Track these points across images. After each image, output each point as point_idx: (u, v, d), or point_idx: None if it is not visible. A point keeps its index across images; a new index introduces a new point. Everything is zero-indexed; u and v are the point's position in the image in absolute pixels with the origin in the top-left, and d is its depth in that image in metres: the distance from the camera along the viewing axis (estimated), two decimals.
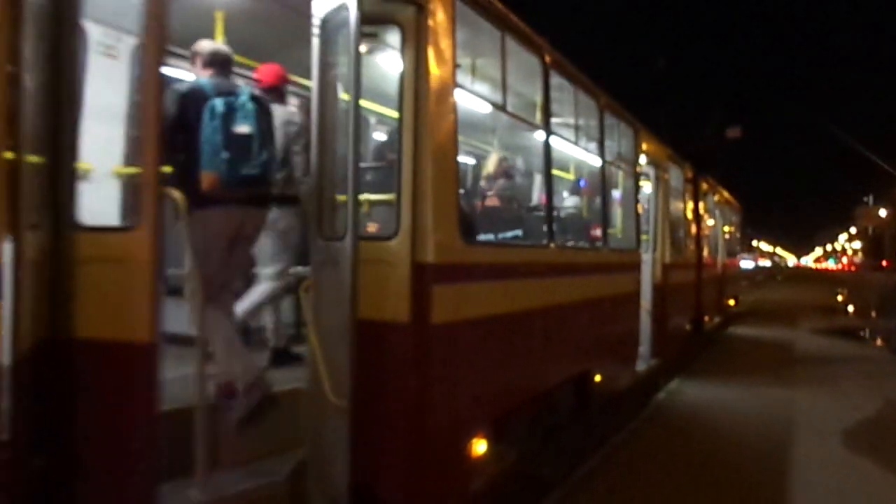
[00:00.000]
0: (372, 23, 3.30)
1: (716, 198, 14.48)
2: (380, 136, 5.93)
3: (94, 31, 4.30)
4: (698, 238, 11.74)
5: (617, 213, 7.83)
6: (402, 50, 3.40)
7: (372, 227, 3.92)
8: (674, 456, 5.82)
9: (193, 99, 3.24)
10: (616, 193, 7.67)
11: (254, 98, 3.36)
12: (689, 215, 11.16)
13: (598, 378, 6.08)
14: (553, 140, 5.11)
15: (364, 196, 3.71)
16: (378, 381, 3.27)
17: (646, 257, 8.09)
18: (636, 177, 7.61)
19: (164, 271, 2.74)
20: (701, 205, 12.05)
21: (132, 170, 3.77)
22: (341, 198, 3.28)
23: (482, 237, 4.55)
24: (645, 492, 4.91)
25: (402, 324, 3.34)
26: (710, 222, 13.67)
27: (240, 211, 3.37)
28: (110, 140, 4.27)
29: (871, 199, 76.05)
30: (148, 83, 2.72)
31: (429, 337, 3.39)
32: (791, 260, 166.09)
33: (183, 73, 4.00)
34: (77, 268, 2.63)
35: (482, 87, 4.46)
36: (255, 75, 4.39)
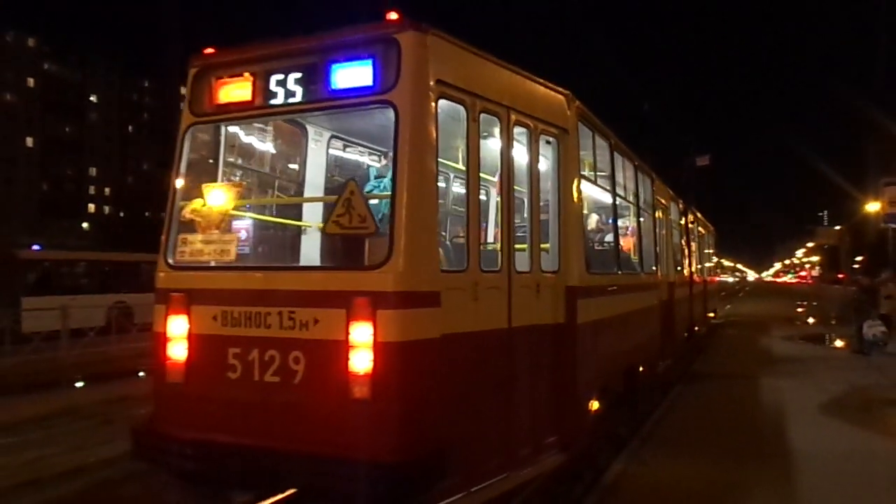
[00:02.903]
0: (540, 139, 5.59)
1: (699, 227, 17.12)
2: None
3: None
4: (689, 260, 14.27)
5: (645, 245, 10.23)
6: (561, 148, 5.67)
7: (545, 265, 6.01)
8: (700, 418, 8.20)
9: None
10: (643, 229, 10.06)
11: None
12: (682, 241, 13.66)
13: (641, 369, 8.42)
14: (615, 198, 7.47)
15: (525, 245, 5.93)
16: (550, 361, 5.49)
17: None
18: (653, 215, 10.04)
19: None
20: (689, 232, 14.60)
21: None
22: (520, 245, 5.49)
23: (593, 270, 6.74)
24: (685, 440, 7.24)
25: (560, 325, 5.58)
26: (694, 246, 16.24)
27: None
28: None
29: (825, 214, 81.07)
30: None
31: (575, 331, 5.65)
32: (751, 275, 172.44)
33: None
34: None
35: (589, 173, 6.73)
36: None
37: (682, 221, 13.47)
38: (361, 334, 3.90)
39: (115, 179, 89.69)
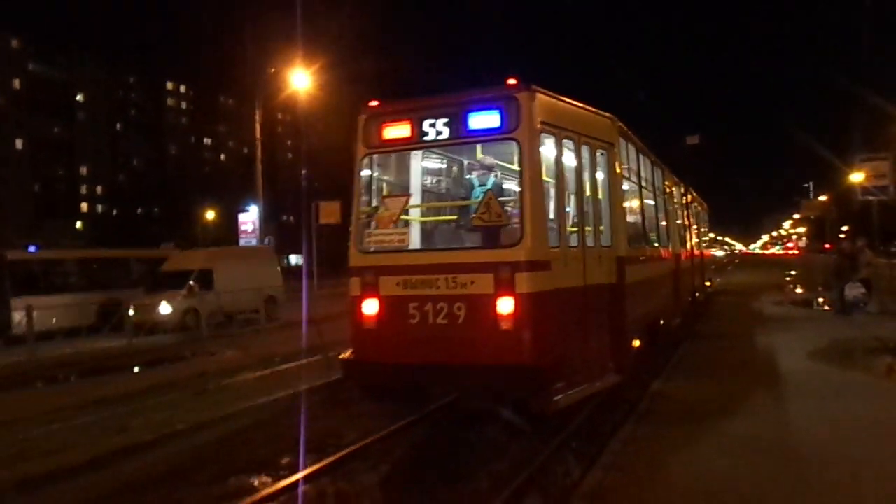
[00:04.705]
0: (599, 148, 7.91)
1: (697, 206, 19.59)
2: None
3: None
4: (690, 235, 16.72)
5: (660, 224, 12.66)
6: (608, 157, 8.01)
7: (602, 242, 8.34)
8: (709, 360, 10.67)
9: None
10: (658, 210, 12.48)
11: None
12: (684, 220, 16.10)
13: (661, 322, 10.86)
14: (641, 189, 9.85)
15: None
16: (608, 309, 7.85)
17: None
18: (664, 199, 12.44)
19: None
20: (689, 211, 17.04)
21: None
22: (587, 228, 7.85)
23: (634, 244, 9.10)
24: (701, 372, 9.70)
25: (613, 284, 7.94)
26: (694, 223, 18.70)
27: None
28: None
29: (811, 185, 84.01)
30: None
31: (624, 288, 8.01)
32: (739, 247, 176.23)
33: None
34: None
35: (625, 173, 9.08)
36: None
37: (684, 202, 15.90)
38: (506, 289, 6.26)
39: (107, 177, 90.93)
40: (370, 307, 6.83)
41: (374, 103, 7.16)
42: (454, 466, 6.51)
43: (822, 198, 70.33)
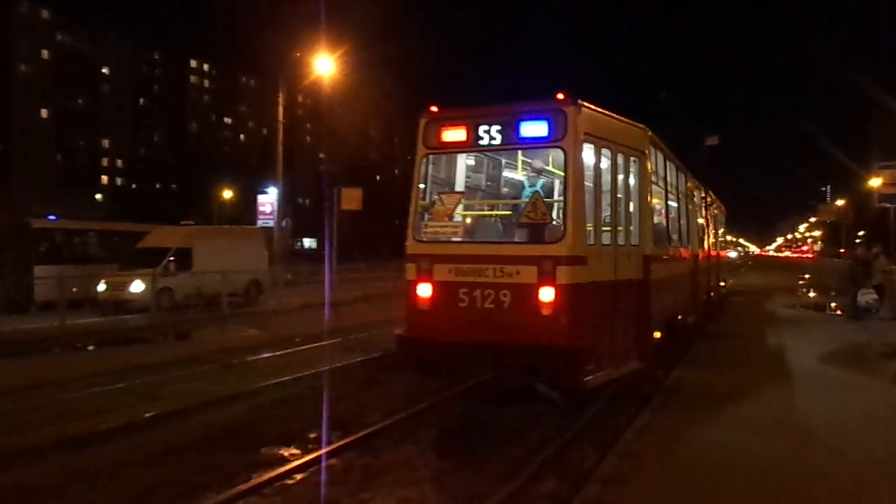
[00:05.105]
0: (632, 156, 8.76)
1: (715, 209, 20.35)
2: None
3: None
4: (707, 236, 17.51)
5: (682, 225, 13.48)
6: (640, 165, 8.86)
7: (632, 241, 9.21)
8: (724, 354, 11.55)
9: None
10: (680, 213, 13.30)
11: None
12: (703, 222, 16.89)
13: (679, 317, 11.72)
14: (667, 193, 10.68)
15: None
16: (634, 302, 8.72)
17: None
18: (686, 202, 13.26)
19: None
20: (707, 213, 17.82)
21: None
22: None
23: (658, 244, 9.93)
24: (719, 362, 10.58)
25: (639, 280, 8.80)
26: (711, 225, 19.48)
27: None
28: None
29: (828, 189, 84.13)
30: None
31: (649, 284, 8.87)
32: (753, 249, 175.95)
33: None
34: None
35: (658, 180, 9.92)
36: None
37: (703, 205, 16.69)
38: (547, 279, 7.15)
39: (128, 151, 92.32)
40: (424, 290, 7.74)
41: (434, 108, 8.03)
42: (473, 448, 7.13)
43: (839, 202, 70.46)
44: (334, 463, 6.63)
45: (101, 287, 18.77)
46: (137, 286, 18.79)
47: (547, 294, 7.15)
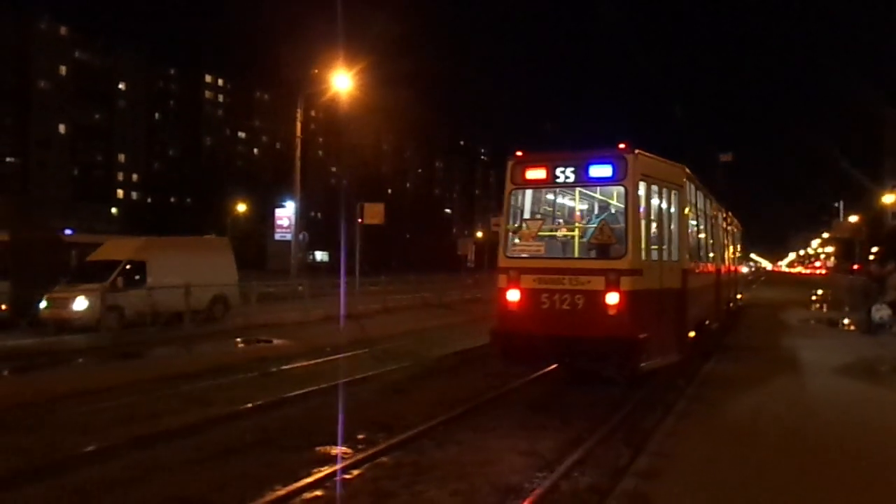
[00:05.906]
0: (673, 189, 11.12)
1: (733, 227, 22.72)
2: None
3: None
4: (727, 252, 19.86)
5: (708, 243, 15.85)
6: (679, 196, 11.22)
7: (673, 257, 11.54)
8: (748, 357, 13.84)
9: None
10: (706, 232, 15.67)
11: None
12: (723, 239, 19.24)
13: (707, 322, 14.05)
14: (698, 217, 13.04)
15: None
16: (674, 307, 11.04)
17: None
18: (710, 222, 15.64)
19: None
20: (727, 231, 20.16)
21: None
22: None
23: (691, 259, 12.26)
24: (737, 361, 12.89)
25: (678, 289, 11.13)
26: (730, 242, 21.81)
27: None
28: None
29: (841, 205, 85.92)
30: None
31: (685, 292, 11.21)
32: (766, 264, 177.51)
33: None
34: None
35: (691, 207, 12.27)
36: None
37: (724, 225, 19.06)
38: (613, 286, 9.50)
39: (143, 165, 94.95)
40: (513, 295, 10.10)
41: (519, 153, 10.43)
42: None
43: (853, 218, 71.87)
44: (385, 460, 7.36)
45: (43, 304, 17.40)
46: (81, 303, 17.20)
47: (612, 298, 9.50)
